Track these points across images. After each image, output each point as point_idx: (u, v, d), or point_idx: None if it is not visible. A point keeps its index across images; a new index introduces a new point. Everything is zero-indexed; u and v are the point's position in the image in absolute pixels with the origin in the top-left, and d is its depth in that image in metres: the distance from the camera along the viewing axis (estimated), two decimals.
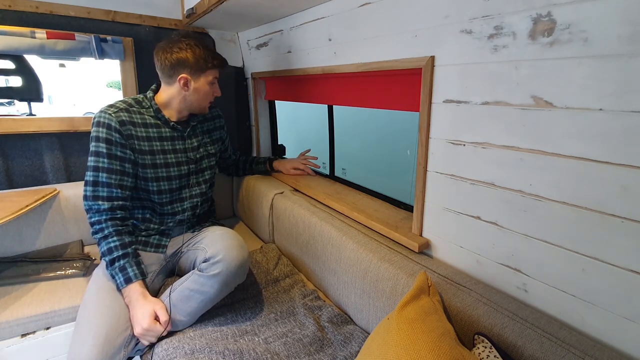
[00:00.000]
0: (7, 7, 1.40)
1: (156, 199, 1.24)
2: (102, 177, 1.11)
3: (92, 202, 1.10)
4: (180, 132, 1.27)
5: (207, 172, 1.38)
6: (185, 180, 1.29)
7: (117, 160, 1.13)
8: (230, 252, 1.07)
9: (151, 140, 1.20)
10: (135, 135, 1.16)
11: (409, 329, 0.66)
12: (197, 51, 1.17)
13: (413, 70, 0.98)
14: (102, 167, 1.11)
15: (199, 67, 1.19)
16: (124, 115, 1.15)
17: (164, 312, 1.04)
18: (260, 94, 2.01)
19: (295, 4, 1.24)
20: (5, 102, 4.34)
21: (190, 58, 1.16)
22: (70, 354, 0.95)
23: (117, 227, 1.10)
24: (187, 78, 1.18)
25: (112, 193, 1.11)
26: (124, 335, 1.00)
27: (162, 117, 1.22)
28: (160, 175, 1.22)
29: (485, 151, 0.84)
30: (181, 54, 1.15)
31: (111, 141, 1.11)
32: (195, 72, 1.19)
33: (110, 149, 1.11)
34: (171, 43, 1.16)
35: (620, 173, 0.63)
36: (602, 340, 0.70)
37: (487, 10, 0.76)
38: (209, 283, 1.05)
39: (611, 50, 0.60)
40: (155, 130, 1.21)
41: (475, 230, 0.90)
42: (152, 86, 1.27)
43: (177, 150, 1.26)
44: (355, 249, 1.09)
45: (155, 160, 1.20)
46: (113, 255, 1.07)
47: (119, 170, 1.13)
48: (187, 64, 1.17)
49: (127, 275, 1.06)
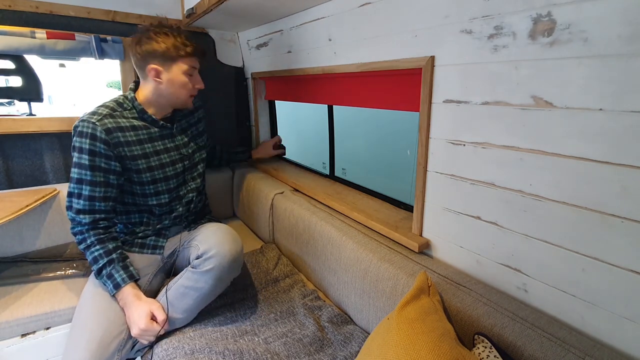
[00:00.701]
0: (7, 7, 1.40)
1: (155, 202, 1.21)
2: (85, 191, 1.07)
3: (74, 215, 1.07)
4: (169, 130, 1.23)
5: (200, 165, 1.36)
6: (182, 177, 1.28)
7: (100, 171, 1.08)
8: (223, 247, 1.06)
9: (142, 143, 1.16)
10: (125, 142, 1.11)
11: (409, 329, 0.66)
12: (166, 40, 1.11)
13: (413, 70, 0.98)
14: (85, 179, 1.06)
15: (169, 56, 1.12)
16: (109, 123, 1.09)
17: (161, 311, 1.04)
18: (260, 94, 2.01)
19: (295, 4, 1.24)
20: (5, 102, 4.34)
21: (158, 48, 1.10)
22: (65, 357, 0.96)
23: (99, 236, 1.08)
24: (157, 69, 1.12)
25: (94, 206, 1.08)
26: (118, 339, 0.99)
27: (147, 117, 1.18)
28: (157, 177, 1.19)
29: (485, 151, 0.84)
30: (149, 45, 1.10)
31: (95, 152, 1.06)
32: (165, 61, 1.12)
33: (93, 161, 1.06)
34: (139, 34, 1.12)
35: (620, 173, 0.63)
36: (602, 340, 0.70)
37: (487, 10, 0.76)
38: (202, 279, 1.05)
39: (611, 50, 0.60)
40: (145, 132, 1.17)
41: (475, 230, 0.90)
42: (131, 84, 1.22)
43: (169, 149, 1.23)
44: (355, 249, 1.09)
45: (150, 163, 1.17)
46: (99, 264, 1.05)
47: (102, 182, 1.08)
48: (156, 53, 1.10)
49: (115, 281, 1.05)
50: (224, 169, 1.97)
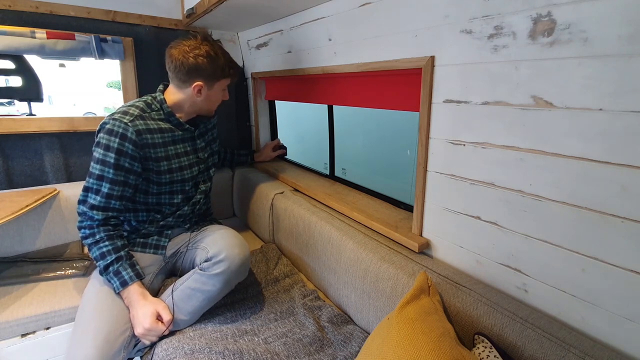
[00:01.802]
0: (7, 7, 1.40)
1: (167, 201, 1.22)
2: (105, 188, 1.07)
3: (86, 209, 1.07)
4: (191, 133, 1.26)
5: (212, 169, 1.39)
6: (195, 180, 1.29)
7: (122, 171, 1.08)
8: (232, 251, 1.07)
9: (167, 145, 1.17)
10: (152, 143, 1.13)
11: (409, 329, 0.66)
12: (216, 60, 1.13)
13: (413, 70, 0.98)
14: (106, 177, 1.06)
15: (215, 76, 1.16)
16: (140, 124, 1.10)
17: (167, 311, 1.04)
18: (260, 94, 2.01)
19: (295, 4, 1.24)
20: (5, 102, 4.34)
21: (208, 66, 1.12)
22: (69, 355, 0.95)
23: (109, 232, 1.08)
24: (201, 86, 1.15)
25: (109, 204, 1.08)
26: (123, 337, 1.00)
27: (174, 119, 1.19)
28: (175, 179, 1.20)
29: (485, 151, 0.84)
30: (199, 60, 1.10)
31: (122, 152, 1.06)
32: (210, 80, 1.16)
33: (118, 160, 1.06)
34: (188, 46, 1.11)
35: (620, 173, 0.63)
36: (602, 340, 0.70)
37: (487, 10, 0.76)
38: (211, 282, 1.05)
39: (611, 50, 0.60)
40: (170, 135, 1.19)
41: (475, 230, 0.90)
42: (160, 86, 1.23)
43: (188, 152, 1.25)
44: (355, 249, 1.09)
45: (172, 165, 1.19)
46: (107, 260, 1.05)
47: (122, 182, 1.09)
48: (205, 72, 1.13)
49: (123, 278, 1.05)
50: (224, 169, 1.98)
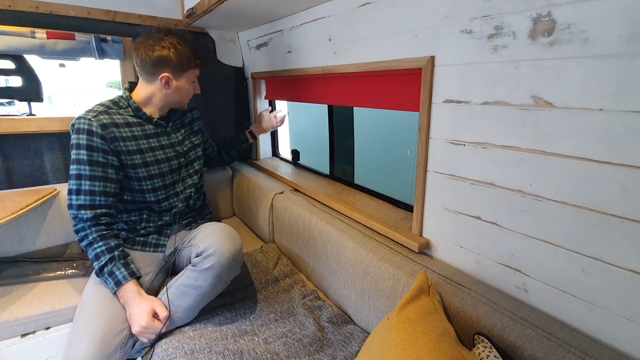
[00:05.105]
0: (7, 7, 1.40)
1: (152, 198, 1.23)
2: (85, 186, 1.08)
3: (76, 211, 1.08)
4: (163, 128, 1.26)
5: (196, 162, 1.39)
6: (177, 174, 1.30)
7: (98, 166, 1.09)
8: (222, 245, 1.07)
9: (137, 139, 1.18)
10: (120, 137, 1.13)
11: (409, 329, 0.66)
12: (181, 50, 1.15)
13: (413, 70, 0.98)
14: (84, 174, 1.08)
15: (182, 66, 1.17)
16: (104, 118, 1.11)
17: (163, 308, 1.04)
18: (260, 94, 2.01)
19: (295, 4, 1.24)
20: (5, 102, 4.34)
21: (174, 57, 1.14)
22: (67, 354, 0.95)
23: (101, 232, 1.08)
24: (169, 77, 1.16)
25: (95, 201, 1.09)
26: (121, 336, 0.99)
27: (142, 114, 1.20)
28: (152, 172, 1.21)
29: (485, 151, 0.84)
30: (164, 52, 1.13)
31: (92, 147, 1.08)
32: (177, 71, 1.17)
33: (91, 156, 1.08)
34: (153, 40, 1.13)
35: (620, 173, 0.63)
36: (602, 340, 0.70)
37: (487, 10, 0.76)
38: (202, 277, 1.05)
39: (611, 50, 0.60)
40: (139, 129, 1.20)
41: (475, 230, 0.90)
42: (126, 85, 1.25)
43: (164, 146, 1.26)
44: (355, 249, 1.09)
45: (145, 158, 1.19)
46: (101, 261, 1.05)
47: (101, 177, 1.10)
48: (170, 63, 1.15)
49: (117, 278, 1.05)
50: (224, 168, 1.98)
